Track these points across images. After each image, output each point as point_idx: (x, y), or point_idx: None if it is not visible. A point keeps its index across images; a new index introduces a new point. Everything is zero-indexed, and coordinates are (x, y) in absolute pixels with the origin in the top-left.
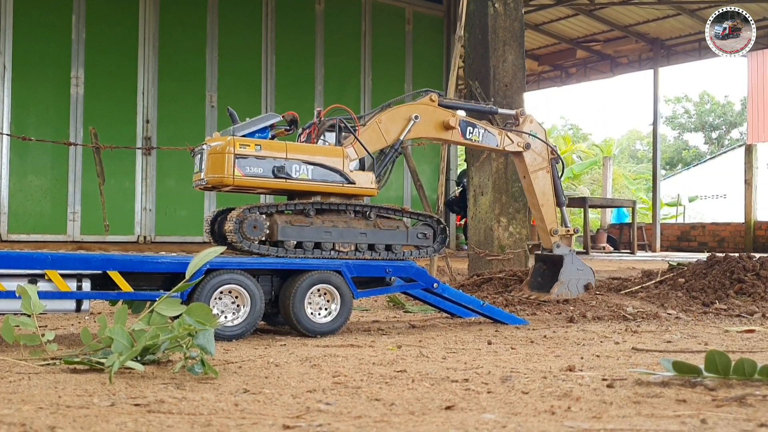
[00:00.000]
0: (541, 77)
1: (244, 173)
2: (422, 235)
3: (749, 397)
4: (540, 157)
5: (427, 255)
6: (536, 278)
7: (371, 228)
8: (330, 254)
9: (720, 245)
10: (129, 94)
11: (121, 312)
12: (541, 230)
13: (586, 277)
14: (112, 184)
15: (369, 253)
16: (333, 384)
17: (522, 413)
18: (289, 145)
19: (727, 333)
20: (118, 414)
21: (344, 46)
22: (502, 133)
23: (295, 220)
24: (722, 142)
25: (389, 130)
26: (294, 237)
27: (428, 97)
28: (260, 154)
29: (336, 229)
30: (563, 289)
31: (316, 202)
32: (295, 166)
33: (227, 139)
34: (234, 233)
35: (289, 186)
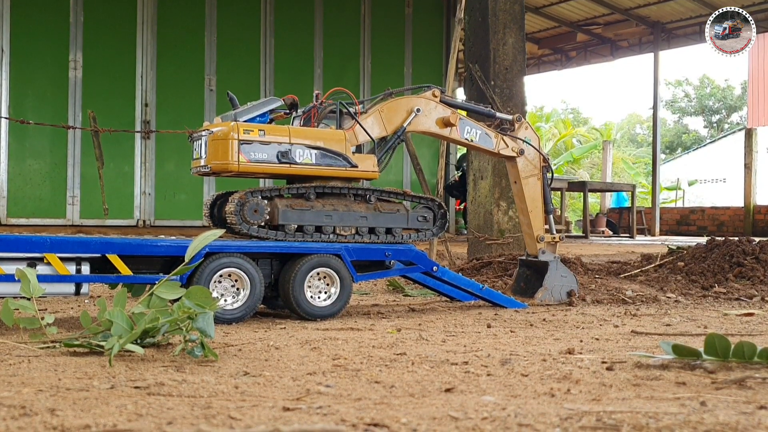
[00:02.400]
0: (541, 61)
1: (249, 159)
2: (422, 218)
3: (749, 380)
4: (532, 164)
5: (426, 238)
6: (519, 283)
7: (372, 211)
8: (330, 238)
9: (719, 229)
10: (127, 78)
11: (120, 295)
12: (527, 236)
13: (570, 284)
14: (111, 168)
15: (369, 237)
16: (333, 367)
17: (521, 395)
18: (293, 129)
19: (726, 316)
20: (118, 396)
21: (343, 29)
22: (498, 136)
23: (295, 203)
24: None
25: (390, 120)
26: (295, 221)
27: (431, 92)
28: (264, 140)
29: (336, 212)
30: (547, 295)
31: (317, 186)
32: (299, 151)
33: (230, 124)
34: (234, 216)
35: (294, 171)
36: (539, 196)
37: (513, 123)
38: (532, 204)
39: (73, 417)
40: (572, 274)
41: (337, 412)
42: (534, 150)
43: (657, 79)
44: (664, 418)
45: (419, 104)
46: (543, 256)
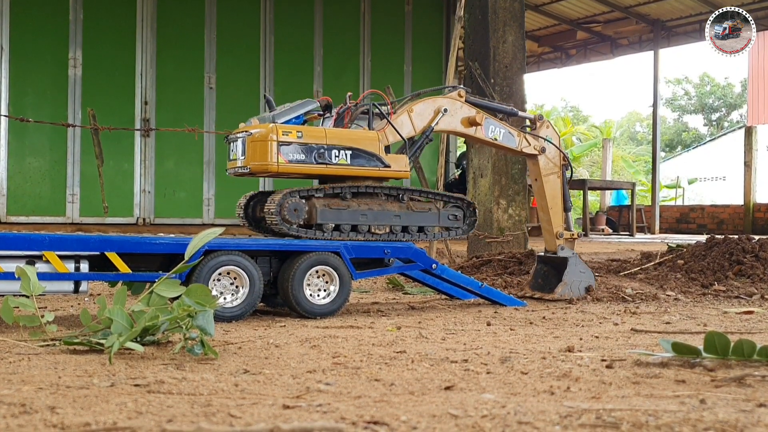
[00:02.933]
0: (541, 59)
1: (287, 160)
2: (453, 216)
3: (748, 378)
4: (552, 162)
5: (457, 236)
6: (537, 279)
7: (404, 210)
8: (366, 236)
9: (719, 227)
10: (127, 76)
11: (120, 293)
12: (546, 232)
13: (588, 279)
14: (110, 166)
15: (402, 236)
16: (333, 365)
17: (521, 393)
18: (328, 131)
19: (726, 314)
20: (118, 394)
21: (343, 26)
22: (520, 135)
23: (332, 203)
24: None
25: (419, 120)
26: (332, 220)
27: (457, 93)
28: (302, 141)
29: (371, 211)
30: (566, 290)
31: (353, 186)
32: (335, 152)
33: (269, 126)
34: (275, 216)
35: (330, 171)
36: (559, 193)
37: (534, 122)
38: (552, 201)
39: (73, 415)
40: (590, 270)
41: (336, 410)
42: (554, 148)
43: (657, 77)
44: (664, 416)
45: (446, 104)
46: (562, 252)
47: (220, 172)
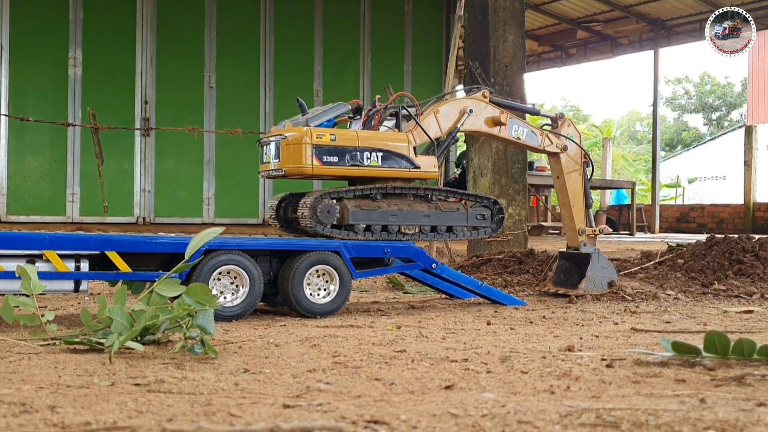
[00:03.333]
0: (541, 58)
1: (322, 162)
2: (481, 216)
3: (748, 377)
4: (573, 160)
5: (485, 235)
6: (559, 275)
7: (433, 210)
8: (396, 236)
9: (719, 226)
10: (127, 75)
11: (120, 292)
12: (568, 229)
13: (610, 275)
14: (110, 165)
15: (432, 236)
16: (333, 364)
17: (521, 393)
18: (360, 133)
19: (726, 313)
20: (118, 394)
21: (343, 26)
22: (543, 134)
23: (363, 204)
24: (722, 124)
25: (445, 121)
26: (363, 220)
27: (481, 93)
28: (335, 144)
29: (401, 212)
30: (590, 286)
31: (382, 187)
32: (366, 154)
33: (303, 129)
34: (308, 218)
35: (362, 173)
36: (581, 190)
37: (555, 120)
38: (574, 198)
39: (74, 414)
40: (612, 265)
41: (337, 409)
42: (576, 146)
43: (657, 76)
44: (664, 415)
45: (471, 105)
46: (585, 248)
47: (220, 172)
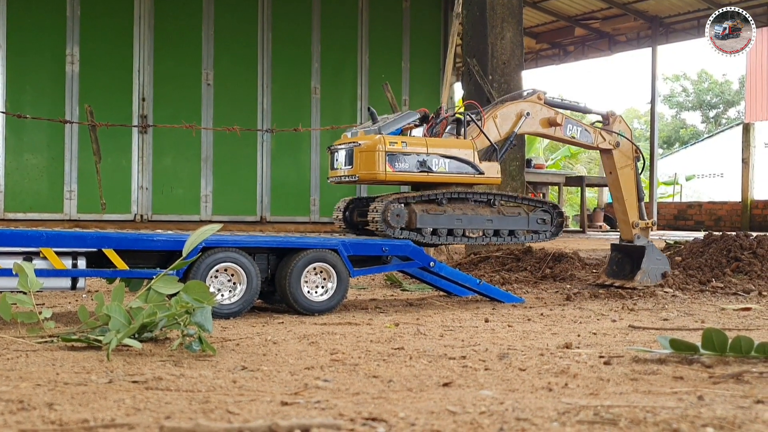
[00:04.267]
0: (539, 55)
1: (394, 168)
2: (541, 220)
3: (746, 374)
4: (625, 155)
5: (546, 239)
6: (612, 266)
7: (496, 215)
8: (461, 240)
9: (717, 224)
10: (125, 72)
11: (118, 290)
12: (622, 222)
13: (663, 266)
14: (108, 163)
15: (495, 239)
16: (331, 361)
17: (519, 390)
18: (429, 140)
19: (723, 311)
20: (116, 391)
21: (341, 23)
22: (596, 131)
23: (429, 209)
24: (720, 121)
25: (503, 125)
26: (430, 224)
27: (536, 96)
28: (406, 151)
29: (466, 216)
30: (645, 277)
31: (448, 191)
32: (435, 160)
33: (377, 137)
34: (379, 222)
35: (432, 178)
36: (633, 185)
37: (607, 117)
38: (627, 192)
39: (71, 411)
40: (665, 257)
41: (335, 406)
42: (627, 142)
43: (655, 73)
44: (662, 413)
45: (527, 108)
46: (638, 240)
47: (217, 169)
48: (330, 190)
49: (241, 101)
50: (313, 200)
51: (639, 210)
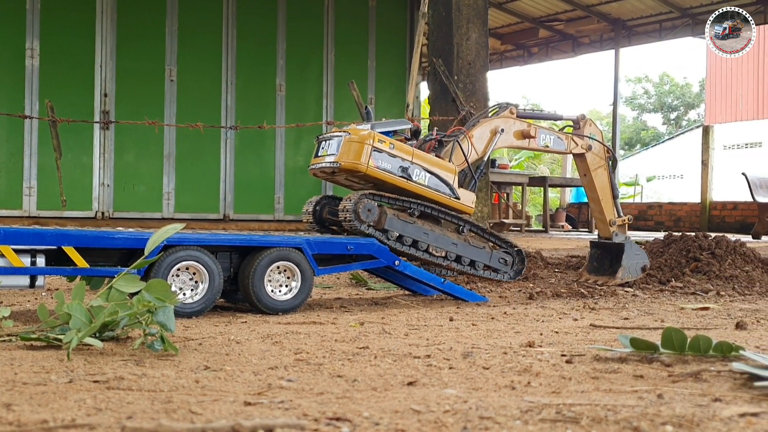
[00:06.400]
0: (503, 56)
1: (376, 165)
2: (503, 260)
3: (704, 373)
4: (599, 156)
5: (503, 279)
6: (592, 263)
7: (462, 242)
8: (422, 255)
9: (676, 224)
10: (86, 67)
11: (78, 288)
12: (599, 221)
13: (643, 260)
14: (69, 159)
15: (455, 264)
16: (295, 361)
17: (483, 388)
18: (415, 151)
19: (682, 310)
20: (77, 391)
21: (307, 20)
22: (568, 137)
23: (401, 215)
24: (680, 123)
25: (479, 144)
26: (398, 229)
27: (508, 111)
28: (392, 152)
29: (433, 233)
30: (626, 273)
31: (422, 204)
32: (417, 171)
33: (368, 131)
34: (350, 212)
35: (409, 187)
36: (607, 184)
37: (577, 122)
38: (602, 192)
39: (30, 412)
40: (643, 251)
41: (299, 406)
42: (599, 144)
43: (617, 75)
44: (622, 411)
45: (502, 124)
46: (617, 238)
47: (180, 166)
48: (294, 188)
49: (205, 98)
50: (278, 198)
51: (615, 207)
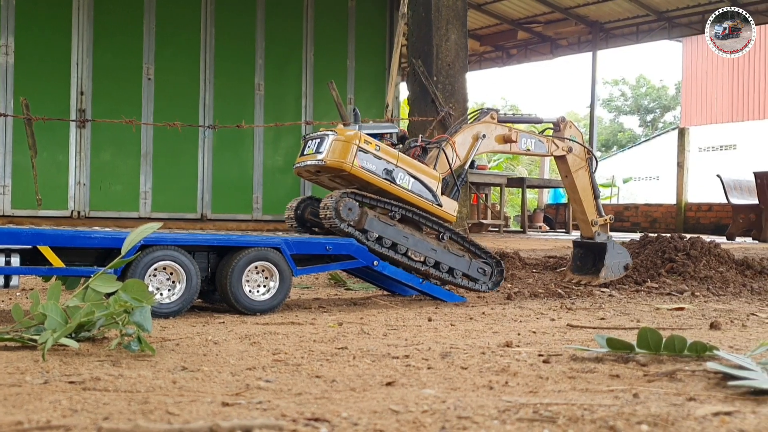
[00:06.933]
0: (482, 57)
1: (361, 165)
2: (482, 270)
3: (679, 372)
4: (579, 157)
5: (480, 289)
6: (576, 262)
7: (442, 248)
8: (401, 258)
9: (652, 226)
10: (62, 64)
11: (54, 288)
12: (581, 221)
13: (625, 258)
14: (44, 158)
15: (434, 270)
16: (273, 361)
17: (461, 388)
18: (400, 155)
19: (658, 310)
20: (52, 392)
21: (286, 19)
22: (549, 140)
23: (381, 217)
24: (656, 125)
25: (461, 149)
26: (378, 230)
27: (489, 116)
28: (378, 154)
29: (413, 237)
30: (609, 273)
31: (404, 208)
32: (401, 174)
33: (355, 132)
34: (330, 211)
35: (392, 189)
36: (588, 185)
37: (558, 124)
38: (584, 193)
39: (4, 413)
40: (625, 250)
41: (277, 407)
42: (579, 145)
43: (595, 78)
44: (599, 410)
45: (483, 130)
46: (599, 237)
47: (157, 165)
48: (273, 188)
49: (183, 96)
50: (256, 198)
51: (597, 207)
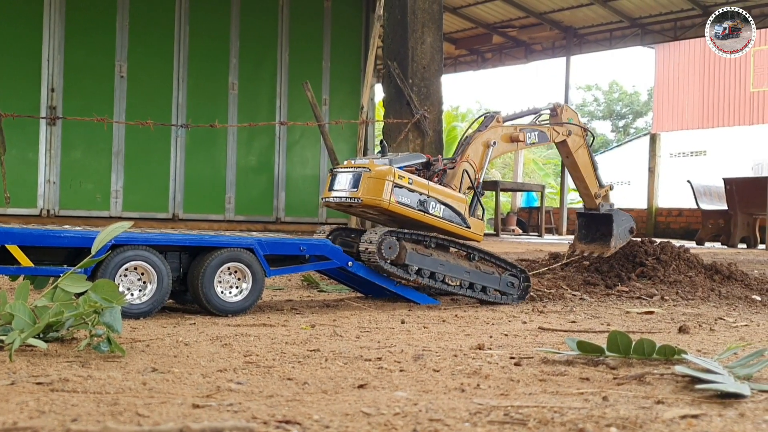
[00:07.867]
0: (457, 61)
1: (397, 200)
2: (510, 283)
3: (648, 376)
4: (578, 136)
5: (510, 302)
6: (581, 231)
7: (474, 269)
8: (440, 285)
9: None
10: (33, 61)
11: (22, 287)
12: (584, 195)
13: (629, 222)
14: (13, 155)
15: (469, 291)
16: (244, 363)
17: (433, 391)
18: (430, 185)
19: (628, 314)
20: (19, 393)
21: (261, 19)
22: (550, 129)
23: (418, 249)
24: (628, 131)
25: (476, 160)
26: (417, 263)
27: (495, 120)
28: (411, 187)
29: (448, 263)
30: (618, 241)
31: (438, 237)
32: (433, 203)
33: (388, 167)
34: (372, 251)
35: (425, 219)
36: (588, 160)
37: (555, 110)
38: (585, 169)
39: None
40: (628, 215)
41: (248, 409)
42: (577, 126)
43: (568, 82)
44: (569, 413)
45: (492, 137)
46: (603, 208)
47: (129, 164)
48: (246, 188)
49: (156, 95)
50: (229, 198)
51: (597, 179)
